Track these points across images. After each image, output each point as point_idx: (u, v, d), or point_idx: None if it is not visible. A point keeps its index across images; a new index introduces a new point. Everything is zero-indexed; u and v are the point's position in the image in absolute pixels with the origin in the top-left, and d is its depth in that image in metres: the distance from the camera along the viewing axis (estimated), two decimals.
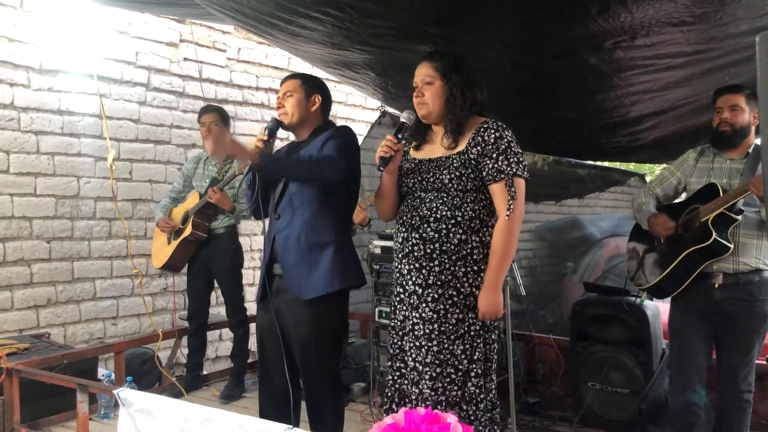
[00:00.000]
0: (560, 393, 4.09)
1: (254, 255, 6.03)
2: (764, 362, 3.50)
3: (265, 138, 2.73)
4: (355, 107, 7.05)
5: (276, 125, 2.82)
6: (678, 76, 3.38)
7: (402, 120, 2.52)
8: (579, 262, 6.02)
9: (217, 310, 5.29)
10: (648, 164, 8.68)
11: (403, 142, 2.54)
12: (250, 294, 5.77)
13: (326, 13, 2.91)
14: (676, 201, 3.24)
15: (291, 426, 2.04)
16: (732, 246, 2.85)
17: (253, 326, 4.72)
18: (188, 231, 4.19)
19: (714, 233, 2.84)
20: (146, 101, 5.20)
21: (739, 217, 2.86)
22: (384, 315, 4.07)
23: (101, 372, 4.14)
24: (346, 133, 2.80)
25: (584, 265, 5.98)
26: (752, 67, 1.50)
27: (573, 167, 5.63)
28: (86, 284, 4.84)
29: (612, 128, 4.19)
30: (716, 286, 2.94)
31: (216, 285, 4.53)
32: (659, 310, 3.71)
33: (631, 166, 8.71)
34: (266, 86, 6.16)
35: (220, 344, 5.69)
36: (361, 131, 6.53)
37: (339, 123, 2.97)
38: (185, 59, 5.47)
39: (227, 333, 5.20)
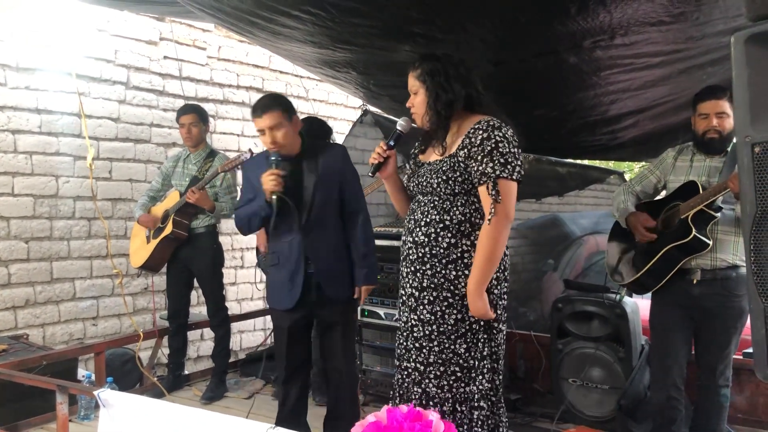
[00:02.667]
0: (541, 389, 4.12)
1: (236, 254, 6.00)
2: (741, 357, 3.55)
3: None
4: (337, 106, 7.03)
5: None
6: (656, 75, 3.41)
7: (397, 128, 2.53)
8: (559, 260, 6.04)
9: (199, 309, 5.26)
10: (627, 162, 8.77)
11: (396, 149, 2.55)
12: (232, 293, 5.75)
13: (307, 12, 2.90)
14: (656, 198, 3.28)
15: (273, 425, 2.05)
16: (711, 242, 2.89)
17: (234, 326, 4.73)
18: (168, 229, 4.16)
19: (694, 229, 2.87)
20: (126, 100, 5.15)
21: (718, 215, 2.90)
22: (366, 313, 4.07)
23: (81, 373, 4.10)
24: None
25: (564, 262, 6.01)
26: (729, 66, 1.52)
27: (553, 165, 5.66)
28: (65, 284, 4.79)
29: (592, 126, 4.23)
30: (694, 282, 2.99)
31: (196, 284, 4.50)
32: (638, 306, 3.75)
33: (611, 164, 8.79)
34: (247, 84, 6.12)
35: (201, 344, 5.66)
36: (343, 130, 6.53)
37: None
38: (165, 57, 5.42)
39: (209, 333, 5.18)
